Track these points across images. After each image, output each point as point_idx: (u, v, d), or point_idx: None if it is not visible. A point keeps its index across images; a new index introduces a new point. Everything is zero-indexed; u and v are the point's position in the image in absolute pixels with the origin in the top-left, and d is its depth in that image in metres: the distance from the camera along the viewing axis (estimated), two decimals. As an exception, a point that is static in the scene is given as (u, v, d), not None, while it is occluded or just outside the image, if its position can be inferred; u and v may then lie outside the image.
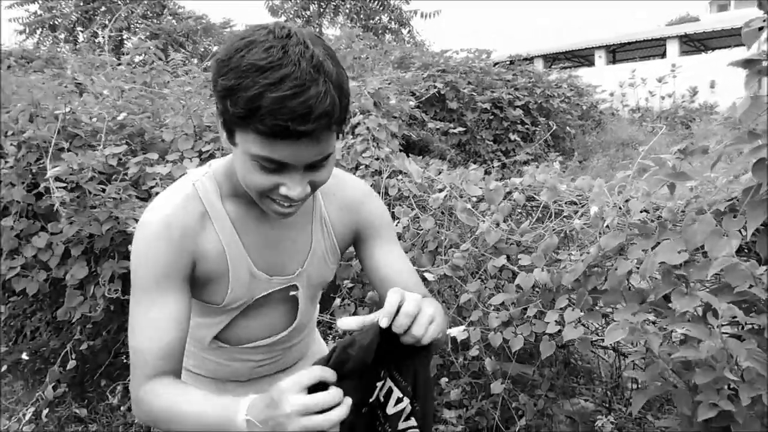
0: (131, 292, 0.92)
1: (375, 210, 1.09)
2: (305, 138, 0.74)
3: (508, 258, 1.96)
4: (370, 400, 0.85)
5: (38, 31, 15.27)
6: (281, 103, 0.70)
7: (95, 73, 3.71)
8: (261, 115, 0.72)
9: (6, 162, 2.22)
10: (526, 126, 6.54)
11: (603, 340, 1.76)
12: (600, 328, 1.92)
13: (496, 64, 7.32)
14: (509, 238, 1.98)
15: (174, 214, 0.91)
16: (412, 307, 0.77)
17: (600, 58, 18.92)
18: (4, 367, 2.57)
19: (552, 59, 20.68)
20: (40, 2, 14.98)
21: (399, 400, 0.85)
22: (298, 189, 0.81)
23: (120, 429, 2.45)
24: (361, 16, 14.50)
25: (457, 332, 1.99)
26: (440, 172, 2.47)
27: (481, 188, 2.14)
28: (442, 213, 2.25)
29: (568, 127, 7.53)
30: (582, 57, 21.59)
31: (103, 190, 2.14)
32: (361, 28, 14.08)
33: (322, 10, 14.63)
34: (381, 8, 14.45)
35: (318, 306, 1.25)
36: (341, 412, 0.71)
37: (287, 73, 0.71)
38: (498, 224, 1.97)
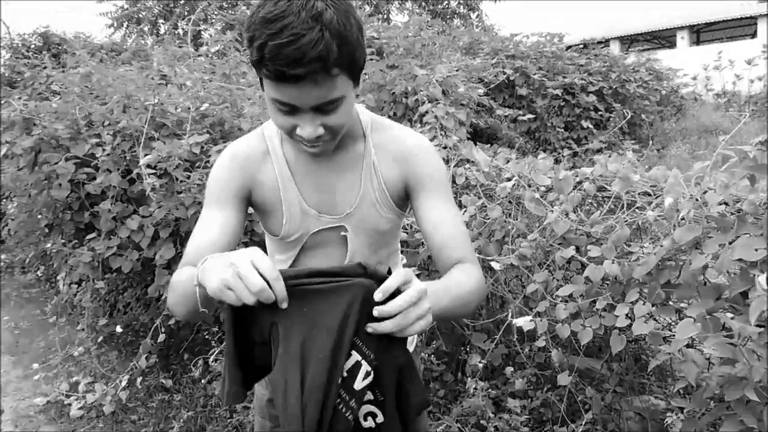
0: None
1: (426, 162, 1.09)
2: (303, 81, 0.83)
3: (577, 249, 1.94)
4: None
5: (125, 25, 16.20)
6: (279, 50, 0.80)
7: (178, 65, 3.93)
8: (266, 61, 0.82)
9: (104, 150, 2.42)
10: (600, 113, 6.30)
11: (675, 336, 1.72)
12: (672, 323, 1.87)
13: (568, 48, 7.08)
14: (578, 229, 1.96)
15: (240, 148, 1.09)
16: (409, 297, 0.75)
17: (682, 39, 17.79)
18: (101, 338, 2.81)
19: (629, 41, 19.68)
20: (127, -3, 15.87)
21: (367, 374, 0.80)
22: (309, 129, 0.91)
23: (201, 400, 2.63)
24: (430, 1, 14.36)
25: (524, 322, 2.00)
26: (508, 161, 2.47)
27: (550, 177, 2.12)
28: (510, 202, 2.25)
29: (644, 114, 7.19)
30: (662, 38, 20.39)
31: (188, 177, 2.29)
32: (429, 14, 13.97)
33: (390, -3, 14.64)
34: (450, -8, 14.28)
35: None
36: (264, 288, 0.74)
37: (287, 24, 0.80)
38: (567, 214, 1.96)
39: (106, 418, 2.57)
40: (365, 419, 0.83)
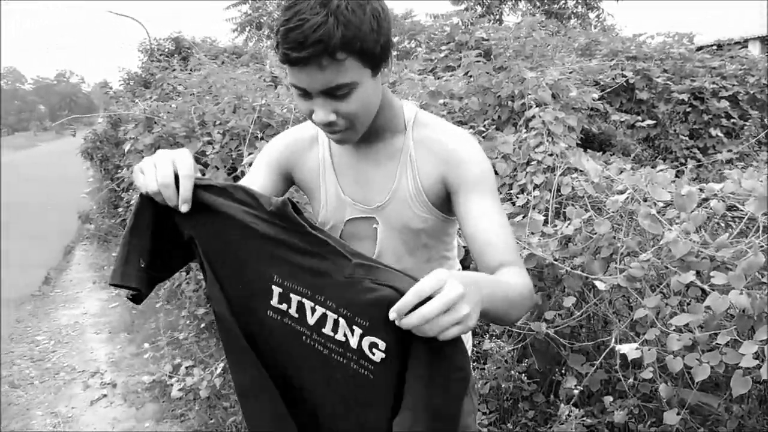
0: None
1: (468, 160, 1.03)
2: (308, 65, 0.86)
3: (698, 274, 1.72)
4: (273, 303, 0.83)
5: (247, 29, 17.28)
6: (286, 34, 0.84)
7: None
8: (278, 45, 0.87)
9: (213, 148, 2.55)
10: (733, 120, 5.67)
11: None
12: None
13: (699, 49, 6.47)
14: (700, 252, 1.74)
15: (294, 130, 1.19)
16: (440, 304, 0.67)
17: (841, 37, 15.63)
18: (202, 325, 2.96)
19: (773, 41, 17.65)
20: (250, 2, 16.90)
21: (348, 335, 0.78)
22: (320, 114, 0.92)
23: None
24: (545, 0, 13.83)
25: (629, 350, 1.82)
26: (621, 172, 2.27)
27: (670, 192, 1.91)
28: (621, 217, 2.05)
29: (789, 122, 6.37)
30: (815, 37, 18.07)
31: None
32: (543, 14, 13.45)
33: (503, -3, 14.30)
34: (567, -9, 13.65)
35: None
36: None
37: (298, 9, 0.84)
38: (688, 234, 1.74)
39: (201, 401, 2.70)
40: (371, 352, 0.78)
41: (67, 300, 5.06)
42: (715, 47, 6.63)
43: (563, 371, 2.28)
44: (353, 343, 0.78)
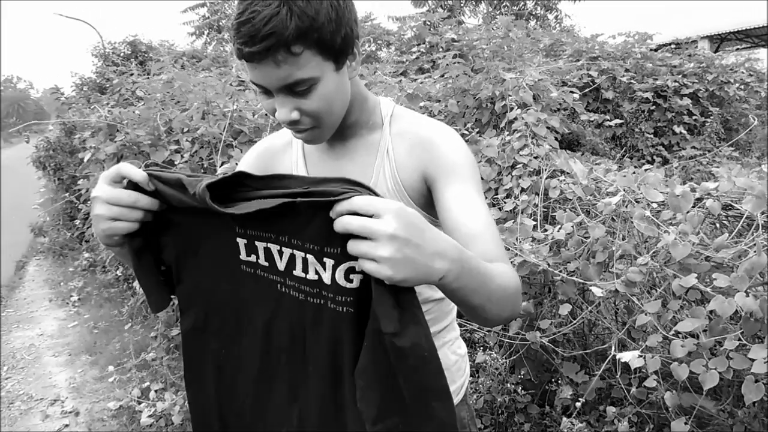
0: None
1: (446, 148, 0.97)
2: (263, 60, 0.81)
3: (698, 276, 1.68)
4: (243, 257, 0.79)
5: (206, 33, 16.87)
6: (239, 28, 0.79)
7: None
8: (232, 41, 0.82)
9: (182, 157, 2.39)
10: (694, 117, 5.80)
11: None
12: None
13: (657, 48, 6.61)
14: (699, 253, 1.70)
15: (266, 139, 1.15)
16: (349, 223, 0.64)
17: (783, 36, 16.35)
18: (173, 345, 2.79)
19: (720, 40, 18.33)
20: (209, 5, 16.51)
21: (319, 270, 0.72)
22: (282, 111, 0.87)
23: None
24: (504, 2, 13.98)
25: (631, 357, 1.76)
26: (608, 172, 2.22)
27: (662, 193, 1.87)
28: (613, 219, 2.01)
29: (744, 118, 6.58)
30: (757, 36, 18.87)
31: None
32: (503, 15, 13.60)
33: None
34: (526, -7, 13.83)
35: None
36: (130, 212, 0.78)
37: (249, 2, 0.79)
38: (686, 236, 1.70)
39: (174, 427, 2.53)
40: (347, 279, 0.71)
41: (21, 320, 4.74)
42: (673, 46, 6.79)
43: (558, 380, 2.22)
44: (326, 278, 0.71)
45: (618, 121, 4.92)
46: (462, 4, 14.36)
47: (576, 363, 2.17)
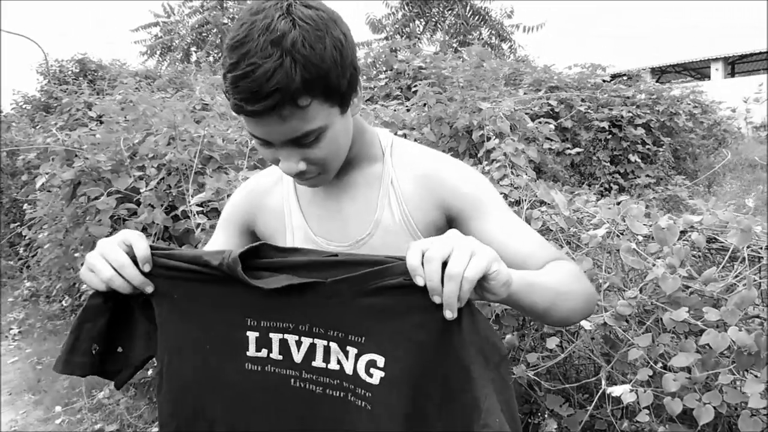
0: None
1: (461, 181, 0.94)
2: (266, 116, 0.75)
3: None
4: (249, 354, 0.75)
5: (158, 52, 16.50)
6: (236, 83, 0.72)
7: (218, 93, 3.81)
8: (228, 94, 0.76)
9: (147, 185, 2.25)
10: (647, 146, 6.04)
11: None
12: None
13: (612, 79, 6.88)
14: (688, 287, 1.70)
15: (254, 178, 1.08)
16: (450, 256, 0.64)
17: (717, 71, 17.48)
18: (132, 390, 2.60)
19: (660, 73, 19.41)
20: (161, 25, 16.18)
21: (341, 358, 0.71)
22: (288, 164, 0.83)
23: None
24: (461, 30, 14.33)
25: (622, 392, 1.74)
26: (587, 203, 2.23)
27: (645, 225, 1.88)
28: (597, 252, 2.00)
29: (691, 147, 6.91)
30: (695, 70, 20.09)
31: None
32: (459, 44, 13.91)
33: (422, 27, 14.64)
34: (482, 23, 14.19)
35: None
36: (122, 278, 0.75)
37: (245, 52, 0.72)
38: (674, 269, 1.70)
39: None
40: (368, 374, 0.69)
41: (-46, 357, 4.36)
42: (626, 77, 7.09)
43: (538, 412, 2.18)
44: (348, 368, 0.70)
45: (578, 149, 5.05)
46: (420, 32, 14.63)
47: (559, 396, 2.14)
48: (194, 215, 1.99)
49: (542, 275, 0.81)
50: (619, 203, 1.97)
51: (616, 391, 1.74)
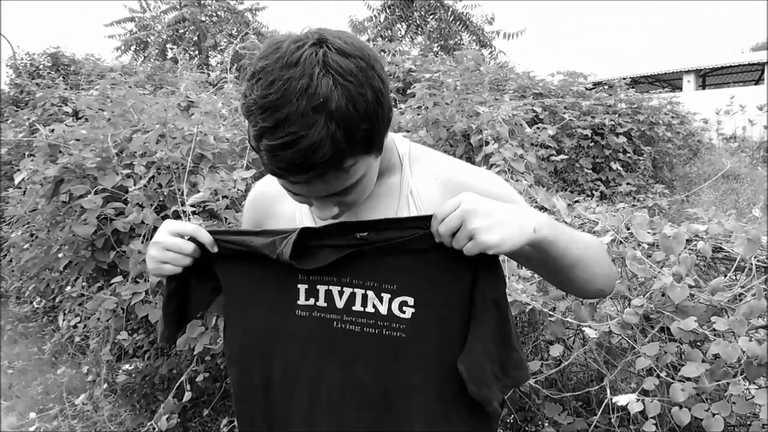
0: None
1: (492, 190, 0.91)
2: (308, 182, 0.73)
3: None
4: (300, 302, 0.87)
5: (132, 48, 16.13)
6: (275, 152, 0.68)
7: (204, 91, 3.71)
8: (263, 157, 0.72)
9: (135, 183, 2.15)
10: (628, 154, 6.12)
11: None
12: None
13: (593, 87, 6.97)
14: (693, 296, 1.70)
15: (263, 182, 1.06)
16: (434, 225, 0.78)
17: (689, 83, 17.92)
18: (106, 386, 2.49)
19: (633, 84, 19.79)
20: (137, 20, 15.83)
21: (376, 304, 0.85)
22: (324, 213, 0.83)
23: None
24: (443, 35, 14.36)
25: (628, 401, 1.72)
26: (587, 210, 2.22)
27: (649, 233, 1.87)
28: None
29: (668, 157, 7.04)
30: (666, 81, 20.57)
31: (235, 217, 2.02)
32: (440, 49, 13.95)
33: (404, 31, 14.64)
34: (463, 28, 14.26)
35: None
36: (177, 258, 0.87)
37: (283, 117, 0.65)
38: (681, 278, 1.69)
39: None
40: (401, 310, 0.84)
41: None
42: (607, 86, 7.18)
43: (533, 419, 2.16)
44: (383, 309, 0.84)
45: (563, 156, 5.08)
46: (402, 36, 14.63)
47: (557, 404, 2.12)
48: (188, 216, 1.90)
49: (576, 231, 0.89)
50: (617, 211, 1.96)
51: (621, 400, 1.72)
